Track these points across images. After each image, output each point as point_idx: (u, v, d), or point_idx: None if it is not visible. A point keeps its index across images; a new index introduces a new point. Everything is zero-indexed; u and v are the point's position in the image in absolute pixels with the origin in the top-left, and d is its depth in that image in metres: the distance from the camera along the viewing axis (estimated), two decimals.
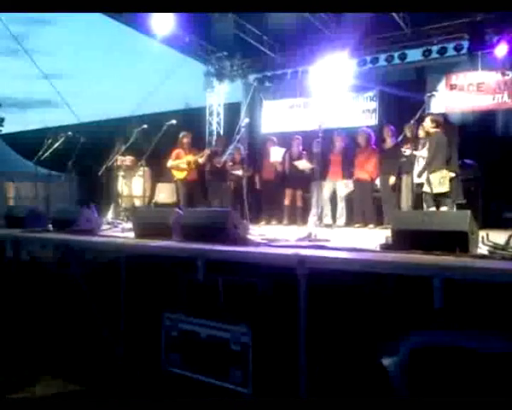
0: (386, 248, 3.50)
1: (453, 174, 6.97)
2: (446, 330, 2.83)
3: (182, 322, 3.90)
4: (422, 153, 7.18)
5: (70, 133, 7.39)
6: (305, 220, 7.78)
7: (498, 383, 2.64)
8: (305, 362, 3.23)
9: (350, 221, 8.12)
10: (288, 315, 3.37)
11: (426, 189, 6.95)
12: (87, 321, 4.50)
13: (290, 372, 3.29)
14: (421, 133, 7.34)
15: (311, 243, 4.08)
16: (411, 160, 7.39)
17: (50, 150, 7.10)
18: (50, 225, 5.82)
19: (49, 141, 7.25)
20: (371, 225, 7.75)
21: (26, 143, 12.14)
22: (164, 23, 8.46)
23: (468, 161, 7.84)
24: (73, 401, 3.86)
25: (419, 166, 7.21)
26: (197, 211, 5.48)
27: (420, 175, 7.11)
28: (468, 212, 3.31)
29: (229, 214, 4.31)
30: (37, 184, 8.01)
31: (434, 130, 7.00)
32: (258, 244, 4.09)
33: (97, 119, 15.87)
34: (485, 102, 8.78)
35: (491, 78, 8.71)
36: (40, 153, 7.20)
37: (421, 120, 7.25)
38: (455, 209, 6.67)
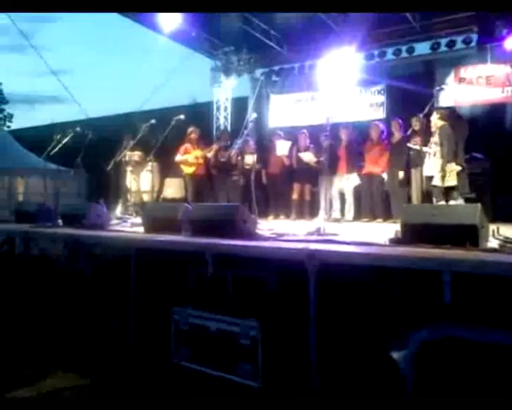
0: (395, 242, 3.49)
1: (459, 168, 6.93)
2: (456, 323, 2.83)
3: (191, 316, 3.92)
4: (431, 147, 7.15)
5: (78, 129, 7.41)
6: (313, 214, 7.78)
7: (507, 376, 2.64)
8: (315, 356, 3.24)
9: (358, 215, 8.11)
10: (297, 309, 3.38)
11: (435, 182, 6.92)
12: (97, 316, 4.54)
13: (300, 367, 3.30)
14: (433, 128, 7.30)
15: (320, 238, 4.08)
16: (420, 154, 7.36)
17: (59, 146, 7.13)
18: (60, 221, 5.86)
19: (58, 137, 7.27)
20: (380, 220, 7.73)
21: (35, 139, 12.21)
22: (170, 18, 8.47)
23: (476, 155, 7.80)
24: (84, 395, 3.88)
25: (430, 159, 7.18)
26: (206, 206, 5.50)
27: (435, 169, 7.05)
28: (478, 205, 3.30)
29: (238, 209, 4.32)
30: (46, 180, 8.05)
31: (441, 123, 6.97)
32: (267, 239, 4.10)
33: (105, 114, 15.94)
34: (494, 95, 8.71)
35: (501, 71, 8.64)
36: (49, 149, 7.23)
37: (429, 114, 7.21)
38: (463, 203, 6.64)
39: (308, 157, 8.47)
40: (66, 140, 7.19)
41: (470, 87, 8.93)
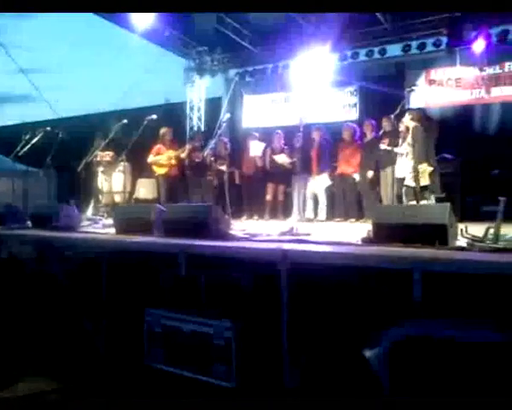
0: (367, 241, 3.53)
1: (431, 168, 7.05)
2: (426, 321, 2.87)
3: (164, 318, 3.89)
4: (401, 148, 7.26)
5: (48, 128, 7.28)
6: (286, 215, 7.81)
7: (477, 373, 2.69)
8: (287, 355, 3.25)
9: (330, 215, 8.17)
10: (270, 310, 3.39)
11: (408, 182, 7.02)
12: (68, 318, 4.46)
13: (274, 366, 3.31)
14: (401, 128, 7.41)
15: (293, 238, 4.09)
16: (390, 154, 7.45)
17: (28, 146, 6.98)
18: (29, 222, 5.74)
19: (27, 136, 7.13)
20: (352, 220, 7.81)
21: (4, 139, 11.94)
22: (143, 17, 8.37)
23: (446, 156, 7.95)
24: (57, 398, 3.82)
25: (401, 160, 7.28)
26: (178, 206, 5.46)
27: (405, 169, 7.15)
28: (448, 205, 3.36)
29: (210, 209, 4.32)
30: (15, 181, 7.88)
31: (414, 124, 7.08)
32: (240, 239, 4.10)
33: (76, 114, 15.68)
34: (463, 97, 8.91)
35: (469, 73, 8.84)
36: (17, 149, 7.08)
37: (400, 115, 7.31)
38: (434, 202, 6.75)
39: (282, 159, 8.50)
40: (35, 140, 7.05)
41: (440, 89, 9.11)
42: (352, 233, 4.47)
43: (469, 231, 3.59)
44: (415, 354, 2.87)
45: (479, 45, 8.23)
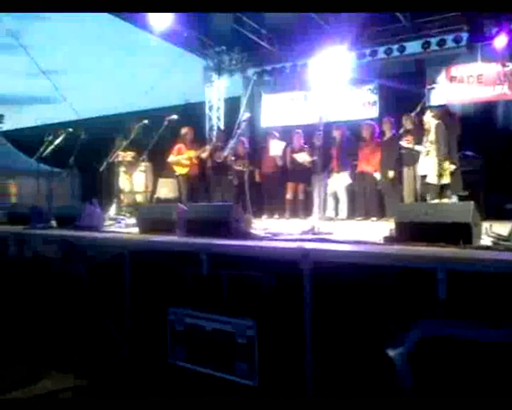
0: (389, 240, 3.51)
1: (454, 166, 6.98)
2: (451, 321, 2.86)
3: (187, 316, 3.93)
4: (423, 146, 7.19)
5: (71, 129, 7.38)
6: (307, 214, 7.80)
7: (501, 373, 2.67)
8: (311, 355, 3.25)
9: (351, 214, 8.14)
10: (292, 309, 3.40)
11: (431, 180, 6.96)
12: (92, 317, 4.53)
13: (296, 365, 3.32)
14: (425, 125, 7.33)
15: (314, 237, 4.09)
16: (412, 152, 7.39)
17: (51, 147, 7.09)
18: (53, 222, 5.83)
19: (50, 137, 7.24)
20: (374, 218, 7.77)
21: (27, 140, 12.14)
22: (162, 18, 8.42)
23: (468, 153, 7.86)
24: (81, 396, 3.88)
25: (424, 158, 7.21)
26: (200, 206, 5.50)
27: (431, 167, 7.07)
28: (472, 203, 3.32)
29: (232, 208, 4.33)
30: (39, 182, 8.00)
31: (436, 122, 7.01)
32: (261, 238, 4.11)
33: (97, 114, 15.86)
34: (485, 93, 8.79)
35: (491, 69, 8.72)
36: (41, 150, 7.19)
37: (422, 113, 7.24)
38: (456, 201, 6.69)
39: (302, 158, 8.49)
40: (58, 141, 7.15)
41: (461, 86, 9.01)
42: (374, 232, 4.45)
43: (494, 230, 3.55)
44: (439, 353, 2.86)
45: (500, 41, 8.12)
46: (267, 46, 10.47)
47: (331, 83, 8.55)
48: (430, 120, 7.09)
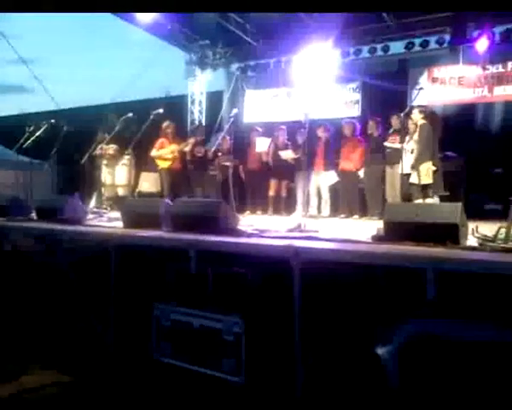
0: (378, 239, 3.55)
1: (435, 168, 7.08)
2: (439, 320, 2.90)
3: (173, 312, 3.90)
4: (409, 145, 7.26)
5: (53, 121, 7.24)
6: (289, 210, 7.83)
7: (489, 372, 2.72)
8: (299, 351, 3.27)
9: (334, 212, 8.18)
10: (280, 306, 3.40)
11: (413, 180, 7.04)
12: (76, 311, 4.46)
13: (284, 362, 3.33)
14: (410, 125, 7.40)
15: (302, 234, 4.10)
16: (397, 152, 7.45)
17: (33, 138, 6.95)
18: (34, 214, 5.73)
19: (31, 128, 7.09)
20: (356, 216, 7.83)
21: (4, 130, 11.86)
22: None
23: (449, 154, 7.98)
24: (65, 391, 3.83)
25: (407, 157, 7.28)
26: (188, 201, 5.46)
27: (412, 167, 7.16)
28: (460, 204, 3.38)
29: (220, 205, 4.32)
30: (18, 173, 7.84)
31: (422, 122, 7.09)
32: (250, 235, 4.10)
33: (77, 105, 15.61)
34: (465, 95, 8.95)
35: (472, 72, 8.87)
36: (22, 141, 7.04)
37: (408, 112, 7.31)
38: (437, 201, 6.78)
39: (287, 155, 8.50)
40: (39, 132, 7.01)
41: (443, 87, 9.15)
42: (358, 230, 4.49)
43: (480, 231, 3.62)
44: (425, 353, 2.89)
45: (482, 44, 8.27)
46: (251, 41, 10.46)
47: (315, 80, 8.59)
48: (417, 120, 7.16)
